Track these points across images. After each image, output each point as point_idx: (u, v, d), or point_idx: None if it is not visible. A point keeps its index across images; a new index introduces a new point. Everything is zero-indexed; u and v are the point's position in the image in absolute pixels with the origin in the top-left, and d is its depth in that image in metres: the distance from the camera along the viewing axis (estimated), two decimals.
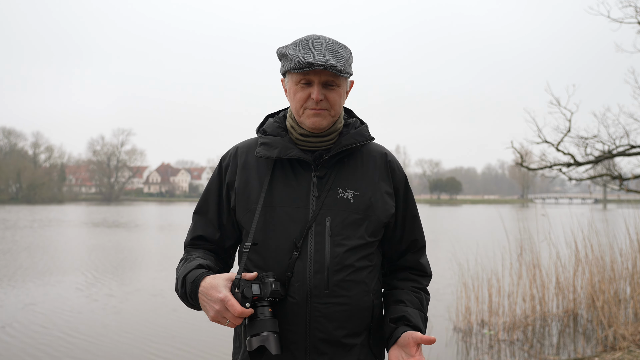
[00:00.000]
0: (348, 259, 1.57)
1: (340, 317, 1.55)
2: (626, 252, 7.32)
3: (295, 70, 1.55)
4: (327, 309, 1.54)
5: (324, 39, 1.59)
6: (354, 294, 1.57)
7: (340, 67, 1.54)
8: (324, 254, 1.56)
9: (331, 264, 1.56)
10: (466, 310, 7.30)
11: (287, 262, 1.56)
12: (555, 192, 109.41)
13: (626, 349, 5.71)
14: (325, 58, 1.53)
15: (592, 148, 8.64)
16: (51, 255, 15.56)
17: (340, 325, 1.55)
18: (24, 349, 6.55)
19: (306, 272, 1.55)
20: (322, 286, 1.54)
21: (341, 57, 1.57)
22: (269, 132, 1.69)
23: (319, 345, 1.55)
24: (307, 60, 1.52)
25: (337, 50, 1.57)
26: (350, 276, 1.57)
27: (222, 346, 6.55)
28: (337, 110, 1.63)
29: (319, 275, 1.55)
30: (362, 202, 1.63)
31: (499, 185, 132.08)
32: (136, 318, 8.20)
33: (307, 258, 1.56)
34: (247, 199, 1.64)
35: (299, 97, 1.60)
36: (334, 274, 1.55)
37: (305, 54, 1.54)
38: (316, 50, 1.54)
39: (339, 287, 1.55)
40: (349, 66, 1.61)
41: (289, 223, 1.59)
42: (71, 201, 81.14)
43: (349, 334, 1.57)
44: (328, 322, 1.54)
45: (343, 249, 1.57)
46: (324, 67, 1.51)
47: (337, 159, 1.66)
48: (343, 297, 1.56)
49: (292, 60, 1.55)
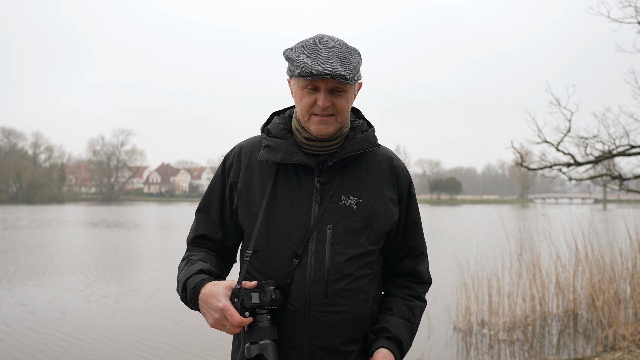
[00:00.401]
0: (348, 268, 1.56)
1: (339, 326, 1.54)
2: (626, 252, 7.32)
3: (302, 77, 1.51)
4: (326, 317, 1.53)
5: (332, 43, 1.54)
6: (353, 303, 1.56)
7: (347, 76, 1.50)
8: (324, 263, 1.55)
9: (331, 273, 1.54)
10: (466, 310, 7.30)
11: (287, 269, 1.55)
12: (555, 192, 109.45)
13: (626, 349, 5.71)
14: (333, 66, 1.48)
15: (592, 148, 8.64)
16: (47, 255, 15.56)
17: (338, 333, 1.55)
18: (15, 351, 6.54)
19: (305, 280, 1.53)
20: (321, 294, 1.53)
21: (349, 64, 1.52)
22: (274, 134, 1.66)
23: (317, 352, 1.54)
24: (314, 69, 1.48)
25: (345, 55, 1.52)
26: (350, 285, 1.56)
27: (222, 346, 6.54)
28: (345, 116, 1.60)
29: (319, 284, 1.53)
30: (365, 209, 1.60)
31: (499, 185, 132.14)
32: (134, 318, 8.19)
33: (307, 266, 1.54)
34: (250, 203, 1.63)
35: (305, 103, 1.56)
36: (334, 282, 1.54)
37: (312, 61, 1.49)
38: (323, 57, 1.49)
39: (338, 296, 1.54)
40: (357, 72, 1.56)
41: (290, 229, 1.57)
42: (71, 201, 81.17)
43: (347, 341, 1.56)
44: (326, 330, 1.54)
45: (343, 258, 1.56)
46: (331, 76, 1.47)
47: (341, 164, 1.63)
48: (342, 306, 1.54)
49: (299, 67, 1.51)
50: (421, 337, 6.95)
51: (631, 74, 10.37)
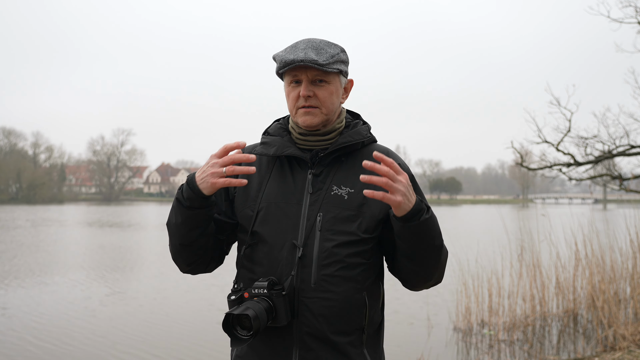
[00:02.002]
0: (338, 253, 1.56)
1: (326, 313, 1.54)
2: (626, 252, 7.32)
3: (281, 70, 1.60)
4: (313, 303, 1.54)
5: (312, 40, 1.62)
6: (342, 290, 1.55)
7: (322, 62, 1.55)
8: (313, 248, 1.56)
9: (319, 258, 1.55)
10: (466, 310, 7.30)
11: (277, 256, 1.58)
12: (555, 192, 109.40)
13: (626, 349, 5.71)
14: (307, 54, 1.55)
15: (592, 148, 8.64)
16: (42, 255, 15.56)
17: (326, 320, 1.54)
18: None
19: (294, 266, 1.55)
20: (309, 280, 1.54)
21: (325, 53, 1.58)
22: (272, 133, 1.73)
23: (305, 339, 1.54)
24: (289, 58, 1.56)
25: (323, 47, 1.59)
26: (339, 272, 1.56)
27: (222, 346, 6.54)
28: (329, 107, 1.64)
29: (306, 270, 1.55)
30: (357, 198, 1.61)
31: (499, 185, 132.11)
32: (132, 318, 8.19)
33: (296, 252, 1.56)
34: (247, 196, 1.67)
35: (292, 97, 1.64)
36: (321, 268, 1.55)
37: (289, 54, 1.58)
38: (300, 49, 1.58)
39: (326, 282, 1.54)
40: (337, 62, 1.61)
41: (282, 218, 1.60)
42: (71, 201, 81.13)
43: (337, 331, 1.55)
44: (313, 317, 1.54)
45: (332, 244, 1.57)
46: (303, 62, 1.54)
47: (334, 157, 1.66)
48: (330, 293, 1.54)
49: (278, 61, 1.60)
50: (421, 337, 6.95)
51: (631, 74, 10.36)
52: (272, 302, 1.50)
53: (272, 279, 1.53)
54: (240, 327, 1.47)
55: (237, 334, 1.47)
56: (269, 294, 1.50)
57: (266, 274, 1.58)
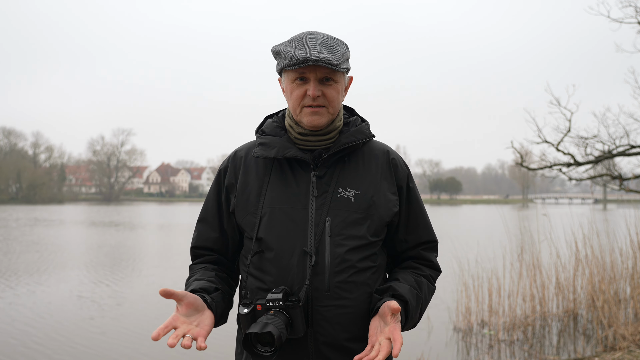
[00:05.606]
0: (349, 259, 1.52)
1: (343, 321, 1.51)
2: (626, 252, 7.31)
3: (290, 67, 1.51)
4: (329, 312, 1.50)
5: (318, 35, 1.55)
6: (356, 296, 1.52)
7: (335, 62, 1.50)
8: (324, 255, 1.51)
9: (332, 265, 1.51)
10: (466, 310, 7.29)
11: (287, 264, 1.52)
12: (555, 192, 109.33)
13: (626, 349, 5.71)
14: (320, 53, 1.49)
15: (592, 148, 8.64)
16: (42, 255, 15.55)
17: (344, 328, 1.51)
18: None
19: (306, 274, 1.50)
20: (323, 288, 1.50)
21: (336, 52, 1.53)
22: (268, 132, 1.66)
23: (322, 348, 1.51)
24: (301, 56, 1.48)
25: (332, 44, 1.54)
26: (352, 277, 1.52)
27: (224, 346, 6.53)
28: (336, 107, 1.59)
29: (319, 277, 1.50)
30: (364, 200, 1.58)
31: (499, 185, 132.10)
32: (132, 318, 8.18)
33: (307, 259, 1.51)
34: (247, 201, 1.61)
35: (296, 95, 1.56)
36: (335, 275, 1.51)
37: (299, 50, 1.50)
38: (310, 46, 1.50)
39: (340, 289, 1.51)
40: (345, 61, 1.57)
41: (288, 224, 1.55)
42: (71, 201, 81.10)
43: (352, 337, 1.52)
44: (330, 326, 1.50)
45: (344, 249, 1.53)
46: (318, 62, 1.47)
47: (337, 157, 1.61)
48: (345, 300, 1.51)
49: (286, 57, 1.52)
50: (421, 337, 6.94)
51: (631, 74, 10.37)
52: (289, 313, 1.44)
53: (286, 290, 1.48)
54: (260, 345, 1.39)
55: (259, 352, 1.39)
56: (285, 306, 1.43)
57: (276, 282, 1.52)
